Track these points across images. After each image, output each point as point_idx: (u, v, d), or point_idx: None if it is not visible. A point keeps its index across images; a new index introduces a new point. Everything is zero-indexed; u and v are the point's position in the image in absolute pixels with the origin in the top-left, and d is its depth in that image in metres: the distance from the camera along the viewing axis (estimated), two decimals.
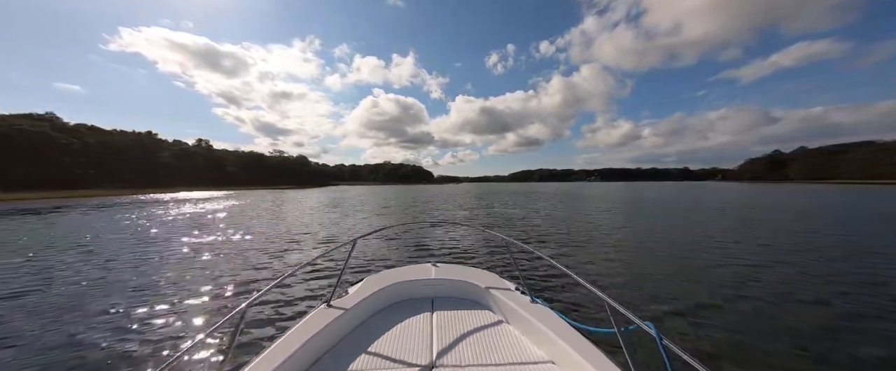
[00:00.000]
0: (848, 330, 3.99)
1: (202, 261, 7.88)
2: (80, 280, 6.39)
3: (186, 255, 8.59)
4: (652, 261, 7.38)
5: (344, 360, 1.95)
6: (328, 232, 12.79)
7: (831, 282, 5.76)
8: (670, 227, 12.33)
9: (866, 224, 12.53)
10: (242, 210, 22.88)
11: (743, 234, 10.57)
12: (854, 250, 8.17)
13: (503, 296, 2.50)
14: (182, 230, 13.21)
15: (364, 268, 7.10)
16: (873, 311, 4.50)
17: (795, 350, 3.57)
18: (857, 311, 4.53)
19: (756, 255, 7.72)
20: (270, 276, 6.54)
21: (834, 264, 6.88)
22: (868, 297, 4.98)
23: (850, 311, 4.51)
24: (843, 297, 5.00)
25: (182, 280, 6.28)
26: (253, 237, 11.32)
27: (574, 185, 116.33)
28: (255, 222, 15.57)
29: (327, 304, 2.40)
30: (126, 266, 7.43)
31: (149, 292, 5.59)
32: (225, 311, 4.81)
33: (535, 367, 1.86)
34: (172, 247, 9.71)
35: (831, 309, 4.61)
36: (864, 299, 4.92)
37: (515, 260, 2.75)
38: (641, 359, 3.11)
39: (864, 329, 4.01)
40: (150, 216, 19.23)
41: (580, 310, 4.52)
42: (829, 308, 4.64)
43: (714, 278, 6.03)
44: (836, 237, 9.98)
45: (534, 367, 1.86)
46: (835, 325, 4.13)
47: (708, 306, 4.70)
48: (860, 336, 3.85)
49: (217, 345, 3.60)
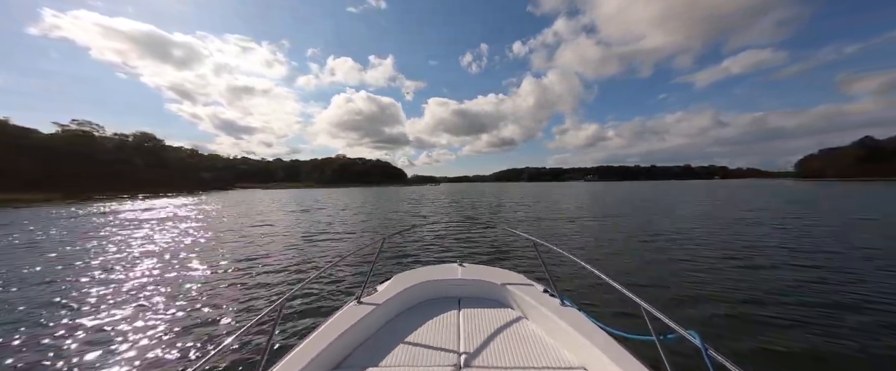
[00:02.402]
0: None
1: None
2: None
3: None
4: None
5: (375, 356, 2.00)
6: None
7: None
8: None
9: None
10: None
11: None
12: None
13: (531, 297, 2.46)
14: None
15: (392, 266, 7.24)
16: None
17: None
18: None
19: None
20: (304, 273, 6.82)
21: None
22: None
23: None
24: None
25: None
26: None
27: (581, 186, 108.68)
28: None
29: (358, 300, 2.47)
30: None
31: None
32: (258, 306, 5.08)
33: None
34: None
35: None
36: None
37: (543, 260, 2.69)
38: (683, 369, 2.94)
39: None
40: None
41: (613, 314, 4.35)
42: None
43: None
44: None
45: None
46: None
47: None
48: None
49: (256, 339, 3.81)
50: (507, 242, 9.50)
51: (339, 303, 4.81)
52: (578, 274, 5.86)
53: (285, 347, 3.31)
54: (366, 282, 2.60)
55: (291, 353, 1.79)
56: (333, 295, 5.30)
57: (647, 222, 13.77)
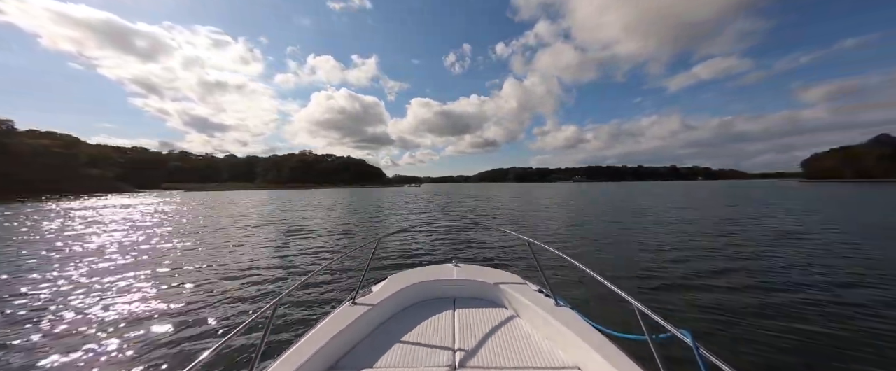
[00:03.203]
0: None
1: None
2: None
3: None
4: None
5: (369, 357, 1.99)
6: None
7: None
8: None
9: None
10: None
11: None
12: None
13: (526, 297, 2.46)
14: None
15: (387, 267, 7.21)
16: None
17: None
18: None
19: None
20: (298, 274, 6.77)
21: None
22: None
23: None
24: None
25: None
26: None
27: (570, 187, 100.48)
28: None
29: (352, 301, 2.45)
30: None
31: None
32: (248, 308, 5.03)
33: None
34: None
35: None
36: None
37: (538, 261, 2.70)
38: (675, 368, 2.95)
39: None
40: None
41: (607, 314, 4.37)
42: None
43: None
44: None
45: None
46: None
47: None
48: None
49: (249, 340, 3.77)
50: (503, 242, 9.53)
51: (334, 304, 4.79)
52: (573, 274, 5.89)
53: (278, 349, 3.28)
54: (360, 283, 2.59)
55: (284, 355, 1.77)
56: (327, 296, 5.26)
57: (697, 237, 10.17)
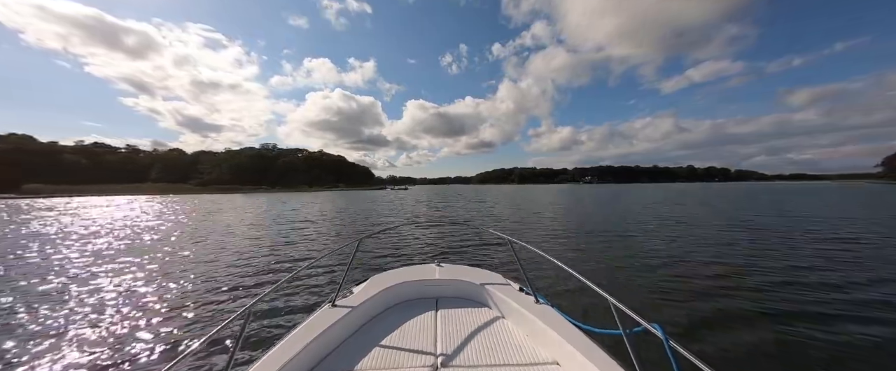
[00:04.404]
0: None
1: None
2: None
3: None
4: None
5: (349, 360, 1.95)
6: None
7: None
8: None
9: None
10: None
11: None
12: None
13: (507, 296, 2.49)
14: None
15: (368, 268, 7.12)
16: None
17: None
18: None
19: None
20: (275, 277, 6.58)
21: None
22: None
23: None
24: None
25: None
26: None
27: (588, 189, 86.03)
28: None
29: (332, 303, 2.40)
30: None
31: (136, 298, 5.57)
32: (228, 311, 4.85)
33: (539, 367, 1.85)
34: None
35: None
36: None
37: (519, 259, 2.73)
38: (648, 360, 3.06)
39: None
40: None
41: (585, 310, 4.49)
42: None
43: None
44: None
45: (538, 367, 1.85)
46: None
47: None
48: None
49: (222, 345, 3.62)
50: (486, 241, 9.61)
51: (312, 307, 4.67)
52: (554, 272, 5.99)
53: (254, 354, 3.17)
54: (340, 284, 2.54)
55: (260, 361, 1.72)
56: (306, 299, 5.12)
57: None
